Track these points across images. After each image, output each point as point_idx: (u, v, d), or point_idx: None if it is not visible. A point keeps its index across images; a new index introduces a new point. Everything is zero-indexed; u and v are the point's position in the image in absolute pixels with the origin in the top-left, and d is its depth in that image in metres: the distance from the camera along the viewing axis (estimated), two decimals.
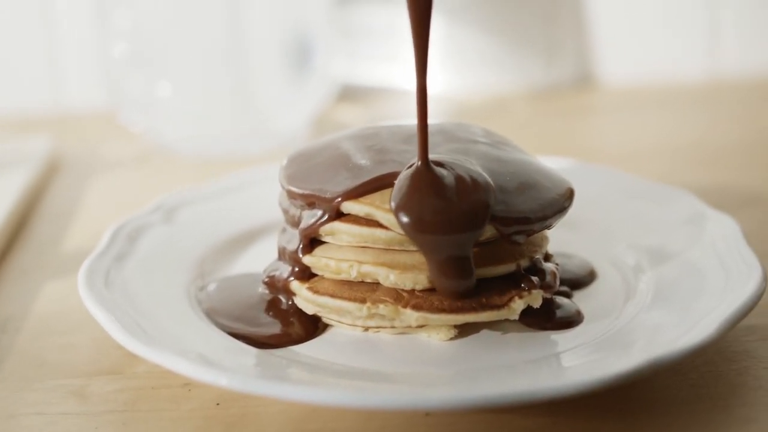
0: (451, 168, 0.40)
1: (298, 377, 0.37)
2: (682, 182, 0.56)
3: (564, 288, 0.45)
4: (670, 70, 0.88)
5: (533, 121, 0.79)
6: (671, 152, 0.69)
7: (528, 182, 0.42)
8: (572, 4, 0.86)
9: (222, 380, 0.35)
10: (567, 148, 0.64)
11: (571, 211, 0.48)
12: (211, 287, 0.45)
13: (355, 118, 0.79)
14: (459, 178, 0.40)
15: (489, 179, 0.41)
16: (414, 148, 0.42)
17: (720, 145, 0.71)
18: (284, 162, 0.45)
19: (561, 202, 0.42)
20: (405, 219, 0.39)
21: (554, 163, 0.51)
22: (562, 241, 0.49)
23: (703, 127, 0.76)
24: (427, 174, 0.40)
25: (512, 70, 0.86)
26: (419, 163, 0.40)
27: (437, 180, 0.39)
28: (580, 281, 0.46)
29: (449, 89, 0.85)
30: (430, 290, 0.40)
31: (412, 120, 0.42)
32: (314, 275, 0.42)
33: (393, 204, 0.39)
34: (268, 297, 0.44)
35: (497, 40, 0.86)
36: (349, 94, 0.83)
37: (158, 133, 0.71)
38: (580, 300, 0.44)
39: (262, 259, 0.47)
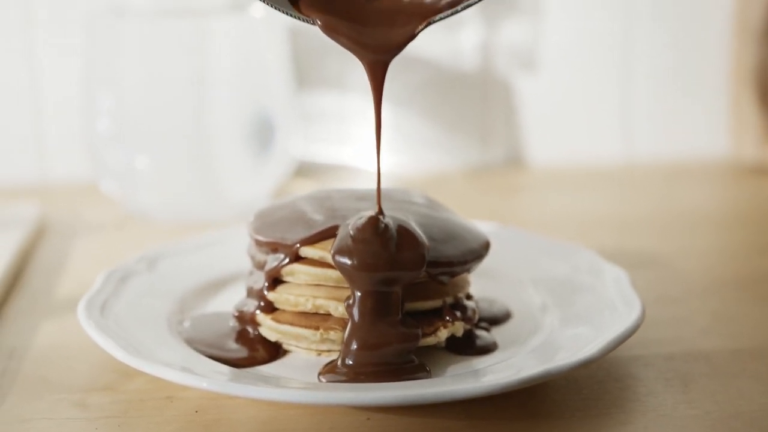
0: (388, 220, 0.49)
1: (264, 383, 0.46)
2: (589, 244, 0.65)
3: (484, 324, 0.54)
4: (590, 154, 0.96)
5: (468, 196, 0.88)
6: (584, 222, 0.78)
7: (452, 234, 0.52)
8: (503, 96, 0.95)
9: (203, 383, 0.43)
10: (497, 218, 0.73)
11: (493, 264, 0.58)
12: (189, 322, 0.54)
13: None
14: (398, 228, 0.49)
15: (420, 231, 0.50)
16: (361, 205, 0.51)
17: (628, 218, 0.80)
18: (251, 218, 0.54)
19: (479, 251, 0.52)
20: (341, 260, 0.47)
21: (481, 226, 0.60)
22: (485, 288, 0.58)
23: (615, 202, 0.85)
24: (366, 223, 0.49)
25: (451, 151, 0.96)
26: (365, 214, 0.49)
27: (371, 229, 0.48)
28: (498, 319, 0.55)
29: (396, 168, 0.94)
30: None
31: (359, 186, 0.51)
32: (276, 309, 0.51)
33: (332, 249, 0.48)
34: (238, 328, 0.52)
35: (438, 125, 0.95)
36: (305, 170, 0.92)
37: (135, 201, 0.78)
38: (497, 333, 0.53)
39: (230, 302, 0.55)
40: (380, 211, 0.49)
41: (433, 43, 0.93)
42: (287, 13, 0.47)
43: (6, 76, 0.89)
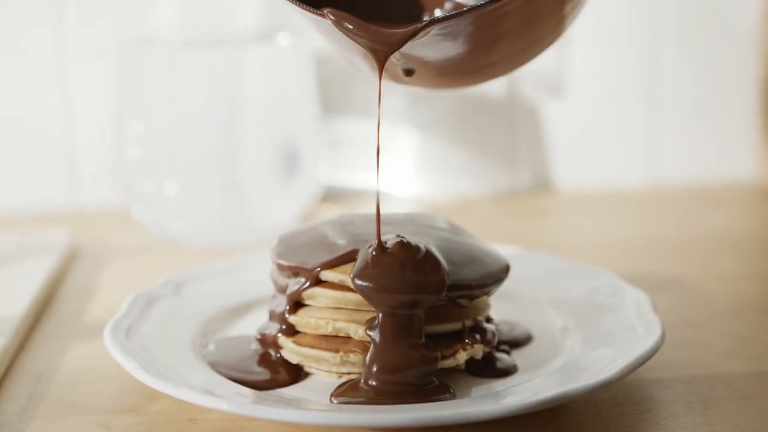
0: (408, 244, 0.50)
1: (286, 406, 0.46)
2: (612, 267, 0.64)
3: (504, 347, 0.54)
4: (616, 178, 0.97)
5: (495, 220, 0.88)
6: (611, 245, 0.78)
7: (472, 258, 0.52)
8: (530, 121, 0.96)
9: (225, 406, 0.44)
10: (523, 242, 0.73)
11: (514, 286, 0.58)
12: (213, 345, 0.55)
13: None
14: (427, 254, 0.49)
15: (440, 255, 0.50)
16: (384, 230, 0.52)
17: (651, 241, 0.80)
18: (274, 242, 0.55)
19: (498, 274, 0.52)
20: (361, 283, 0.48)
21: (502, 249, 0.61)
22: (507, 310, 0.59)
23: (639, 226, 0.86)
24: (386, 246, 0.49)
25: (478, 176, 0.96)
26: (376, 241, 0.50)
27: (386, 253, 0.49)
28: (519, 342, 0.55)
29: (424, 193, 0.95)
30: None
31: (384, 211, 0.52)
32: (298, 332, 0.52)
33: (351, 272, 0.49)
34: (260, 351, 0.53)
35: (465, 151, 0.96)
36: (331, 195, 0.93)
37: (165, 227, 0.80)
38: (518, 356, 0.54)
39: (253, 325, 0.56)
40: (378, 233, 0.49)
41: None
42: (298, 4, 0.47)
43: (38, 105, 0.91)
